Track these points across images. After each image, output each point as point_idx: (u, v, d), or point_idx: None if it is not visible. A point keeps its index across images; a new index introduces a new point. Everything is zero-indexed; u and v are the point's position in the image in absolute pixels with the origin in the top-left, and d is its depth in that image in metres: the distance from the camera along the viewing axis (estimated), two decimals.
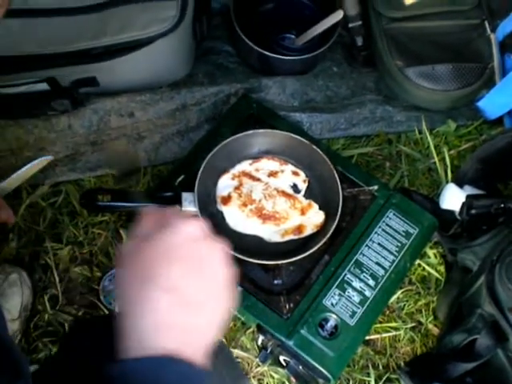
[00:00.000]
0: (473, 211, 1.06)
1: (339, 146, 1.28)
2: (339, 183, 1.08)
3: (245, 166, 1.14)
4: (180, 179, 1.11)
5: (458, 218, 1.11)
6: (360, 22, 1.31)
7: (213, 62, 1.35)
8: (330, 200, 1.10)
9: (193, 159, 1.14)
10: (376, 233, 1.08)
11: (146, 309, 0.51)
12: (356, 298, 1.02)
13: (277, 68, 1.32)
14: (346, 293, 1.02)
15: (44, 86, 1.18)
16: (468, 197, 1.07)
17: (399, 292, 1.13)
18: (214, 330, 0.55)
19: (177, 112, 1.26)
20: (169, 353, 0.50)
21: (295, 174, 1.14)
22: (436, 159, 1.25)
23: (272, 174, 1.14)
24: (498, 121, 1.30)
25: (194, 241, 0.56)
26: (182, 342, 0.51)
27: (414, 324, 1.12)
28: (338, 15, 1.25)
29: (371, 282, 1.03)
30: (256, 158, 1.15)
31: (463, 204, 1.08)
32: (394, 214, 1.10)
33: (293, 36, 1.37)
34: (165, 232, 0.55)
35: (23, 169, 1.05)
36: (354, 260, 1.04)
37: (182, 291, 0.52)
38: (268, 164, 1.15)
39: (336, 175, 1.08)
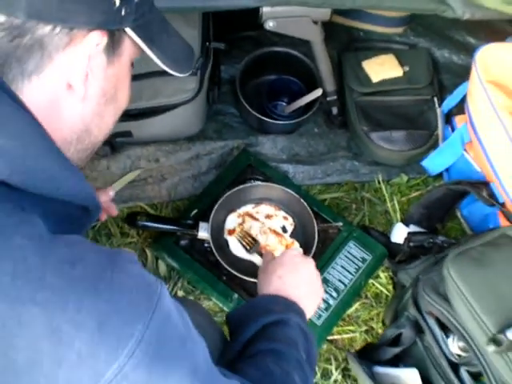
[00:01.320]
0: (411, 244, 1.27)
1: (316, 191, 1.46)
2: (317, 229, 1.30)
3: (248, 208, 1.37)
4: (194, 213, 1.35)
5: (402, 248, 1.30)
6: (335, 97, 1.49)
7: (221, 121, 1.52)
8: (308, 240, 1.32)
9: (203, 198, 1.38)
10: (340, 258, 1.33)
11: (270, 284, 0.93)
12: (322, 306, 1.27)
13: (270, 128, 1.50)
14: None
15: None
16: (408, 233, 1.29)
17: (357, 304, 1.31)
18: (310, 305, 0.93)
19: (192, 160, 1.44)
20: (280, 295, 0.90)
21: (285, 218, 1.38)
22: (389, 204, 1.44)
23: (268, 217, 1.37)
24: (440, 175, 1.48)
25: (296, 257, 1.00)
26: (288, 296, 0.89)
27: (367, 328, 1.29)
28: (317, 92, 1.46)
29: (334, 294, 1.29)
30: (258, 202, 1.38)
31: (405, 239, 1.29)
32: (354, 245, 1.35)
33: (284, 103, 1.57)
34: (282, 254, 1.03)
35: (124, 177, 1.38)
36: (322, 277, 1.25)
37: (287, 279, 0.93)
38: (266, 208, 1.38)
39: (315, 223, 1.31)
